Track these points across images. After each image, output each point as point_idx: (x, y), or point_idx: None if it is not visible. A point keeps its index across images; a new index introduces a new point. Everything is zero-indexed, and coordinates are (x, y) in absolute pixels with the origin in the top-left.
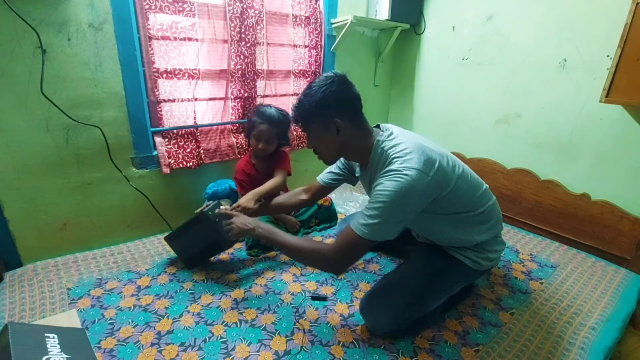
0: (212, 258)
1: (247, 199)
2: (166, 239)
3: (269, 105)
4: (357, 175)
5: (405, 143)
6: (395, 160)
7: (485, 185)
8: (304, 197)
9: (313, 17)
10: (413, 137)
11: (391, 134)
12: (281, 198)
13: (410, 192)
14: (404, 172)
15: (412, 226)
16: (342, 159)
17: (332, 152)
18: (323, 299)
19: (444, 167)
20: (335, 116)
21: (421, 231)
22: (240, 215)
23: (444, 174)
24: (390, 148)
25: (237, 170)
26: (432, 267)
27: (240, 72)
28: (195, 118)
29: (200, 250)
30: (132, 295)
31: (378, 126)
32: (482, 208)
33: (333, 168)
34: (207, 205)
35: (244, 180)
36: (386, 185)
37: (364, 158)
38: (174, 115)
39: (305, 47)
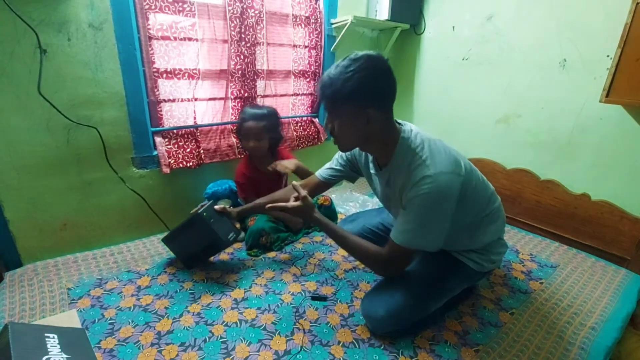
0: (212, 258)
1: (289, 162)
2: (163, 240)
3: (254, 105)
4: (371, 172)
5: (429, 142)
6: (426, 164)
7: (492, 187)
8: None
9: (313, 17)
10: (429, 135)
11: (411, 130)
12: (277, 194)
13: (448, 196)
14: (440, 178)
15: None
16: (345, 156)
17: (354, 141)
18: (323, 299)
19: (466, 165)
20: (370, 106)
21: None
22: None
23: (469, 171)
24: (417, 147)
25: (237, 173)
26: (434, 268)
27: (240, 72)
28: (195, 118)
29: (197, 251)
30: (132, 295)
31: (396, 121)
32: (490, 209)
33: (334, 164)
34: (202, 206)
35: (245, 183)
36: (423, 195)
37: (385, 153)
38: (174, 115)
39: (305, 47)
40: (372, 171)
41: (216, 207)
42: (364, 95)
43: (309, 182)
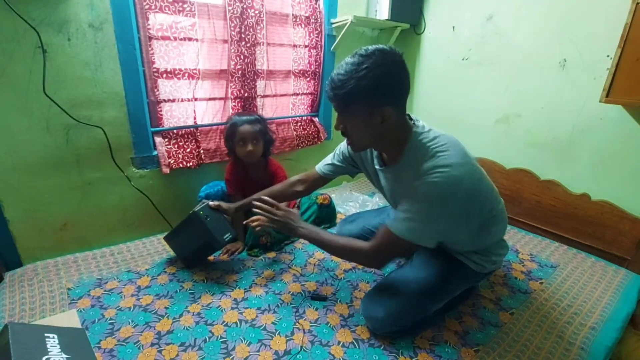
0: (212, 257)
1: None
2: (165, 238)
3: (241, 112)
4: (376, 167)
5: (442, 136)
6: (438, 156)
7: (496, 188)
8: (299, 188)
9: (313, 17)
10: (442, 131)
11: (424, 126)
12: (276, 188)
13: (456, 192)
14: (453, 169)
15: None
16: (345, 151)
17: (368, 141)
18: (323, 299)
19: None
20: (386, 104)
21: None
22: (286, 210)
23: (479, 166)
24: (430, 140)
25: (227, 170)
26: (435, 269)
27: (240, 72)
28: (195, 118)
29: (195, 249)
30: (132, 295)
31: (408, 115)
32: (497, 209)
33: (335, 159)
34: (202, 203)
35: (232, 180)
36: (431, 184)
37: (396, 151)
38: (174, 115)
39: (305, 47)
40: (377, 167)
41: (211, 203)
42: (380, 93)
43: (309, 176)
